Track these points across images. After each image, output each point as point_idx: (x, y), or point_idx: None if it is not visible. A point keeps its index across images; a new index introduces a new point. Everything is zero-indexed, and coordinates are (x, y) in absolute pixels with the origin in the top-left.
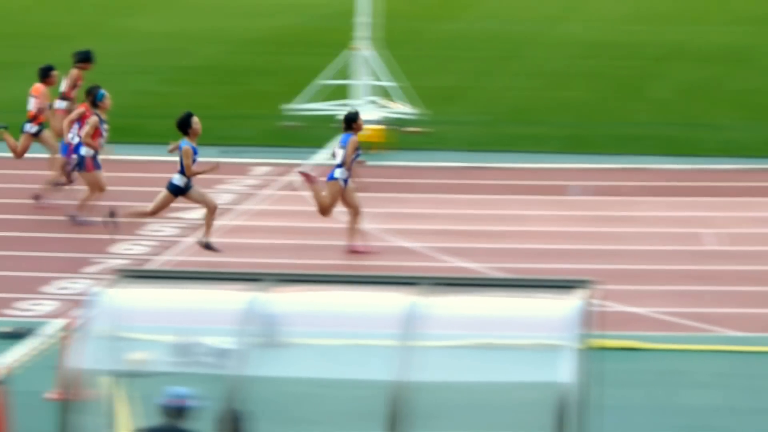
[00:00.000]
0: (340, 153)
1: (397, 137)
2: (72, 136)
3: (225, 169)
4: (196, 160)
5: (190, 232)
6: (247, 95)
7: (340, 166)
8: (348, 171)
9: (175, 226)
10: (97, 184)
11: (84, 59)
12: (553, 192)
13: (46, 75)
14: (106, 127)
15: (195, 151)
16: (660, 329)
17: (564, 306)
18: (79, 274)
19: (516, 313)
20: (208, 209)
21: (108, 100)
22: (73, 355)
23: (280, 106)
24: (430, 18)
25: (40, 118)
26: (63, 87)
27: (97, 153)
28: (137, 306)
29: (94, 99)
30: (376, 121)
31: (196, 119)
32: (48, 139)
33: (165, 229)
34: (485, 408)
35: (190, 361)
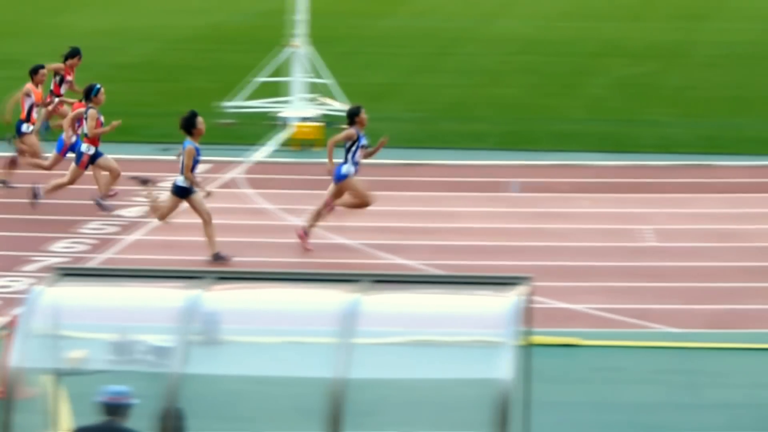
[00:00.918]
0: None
1: (335, 134)
2: (72, 135)
3: (162, 166)
4: (199, 161)
5: (130, 229)
6: (183, 93)
7: (344, 163)
8: (355, 165)
9: (115, 224)
10: (75, 179)
11: (71, 55)
12: (490, 189)
13: (34, 73)
14: (102, 119)
15: (198, 152)
16: (598, 326)
17: (502, 303)
18: (18, 273)
19: (455, 310)
20: (203, 221)
21: (102, 95)
22: (13, 353)
23: (216, 104)
24: (365, 15)
25: (33, 118)
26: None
27: (98, 150)
28: (77, 304)
29: (89, 93)
30: (313, 119)
31: (200, 119)
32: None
33: (105, 227)
34: (425, 405)
35: (129, 359)
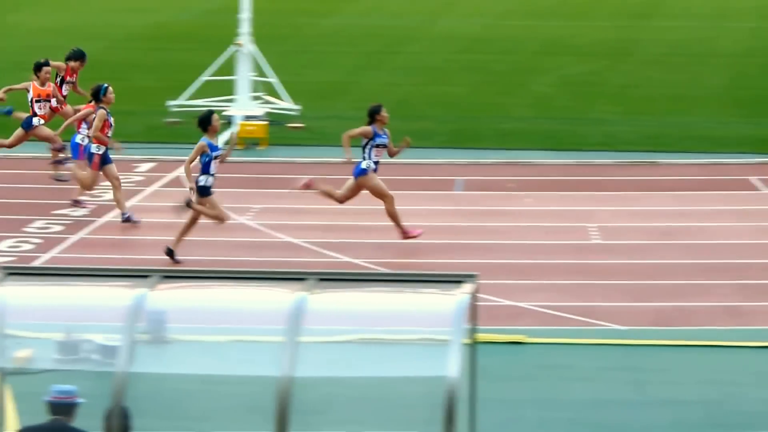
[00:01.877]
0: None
1: (281, 133)
2: (82, 137)
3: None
4: (213, 157)
5: (76, 229)
6: (131, 91)
7: (363, 159)
8: (373, 159)
9: (60, 223)
10: (93, 182)
11: (73, 57)
12: (436, 187)
13: (38, 70)
14: (111, 120)
15: (212, 149)
16: (544, 323)
17: (448, 301)
18: None
19: (401, 308)
20: (219, 221)
21: (111, 95)
22: None
23: (163, 103)
24: (310, 13)
25: (37, 113)
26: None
27: (108, 149)
28: (22, 303)
29: (98, 93)
30: (258, 117)
31: (216, 117)
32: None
33: (50, 226)
34: (373, 403)
35: (75, 358)
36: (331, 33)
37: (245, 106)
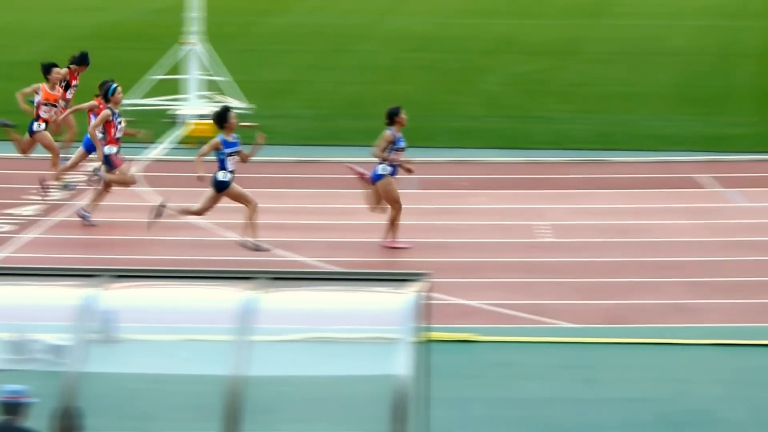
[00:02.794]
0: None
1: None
2: (101, 137)
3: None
4: (228, 154)
5: (26, 228)
6: (79, 90)
7: (381, 163)
8: (390, 163)
9: (11, 222)
10: (128, 176)
11: (78, 61)
12: None
13: (47, 72)
14: (120, 119)
15: (226, 145)
16: (496, 322)
17: (400, 300)
18: None
19: (352, 306)
20: (249, 207)
21: (119, 94)
22: None
23: None
24: (261, 12)
25: (41, 116)
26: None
27: (119, 149)
28: None
29: (106, 93)
30: (209, 116)
31: (232, 114)
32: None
33: (1, 226)
34: (322, 402)
35: (26, 358)
36: (283, 32)
37: (196, 106)
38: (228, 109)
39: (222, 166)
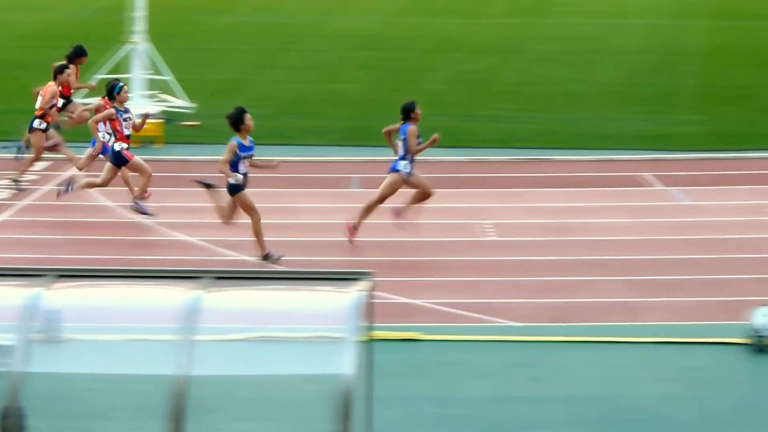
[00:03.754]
0: (400, 145)
1: (176, 131)
2: (102, 134)
3: (2, 164)
4: (241, 157)
5: None
6: (23, 90)
7: (402, 158)
8: (412, 162)
9: None
10: (142, 166)
11: (77, 55)
12: (331, 185)
13: (60, 72)
14: (126, 116)
15: (241, 149)
16: (440, 320)
17: (344, 298)
18: None
19: (296, 305)
20: (252, 219)
21: (125, 93)
22: None
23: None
24: (205, 11)
25: (47, 116)
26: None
27: (129, 146)
28: None
29: (111, 92)
30: (153, 116)
31: (248, 116)
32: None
33: None
34: (267, 401)
35: None
36: (227, 31)
37: (140, 105)
38: (244, 111)
39: (234, 169)
